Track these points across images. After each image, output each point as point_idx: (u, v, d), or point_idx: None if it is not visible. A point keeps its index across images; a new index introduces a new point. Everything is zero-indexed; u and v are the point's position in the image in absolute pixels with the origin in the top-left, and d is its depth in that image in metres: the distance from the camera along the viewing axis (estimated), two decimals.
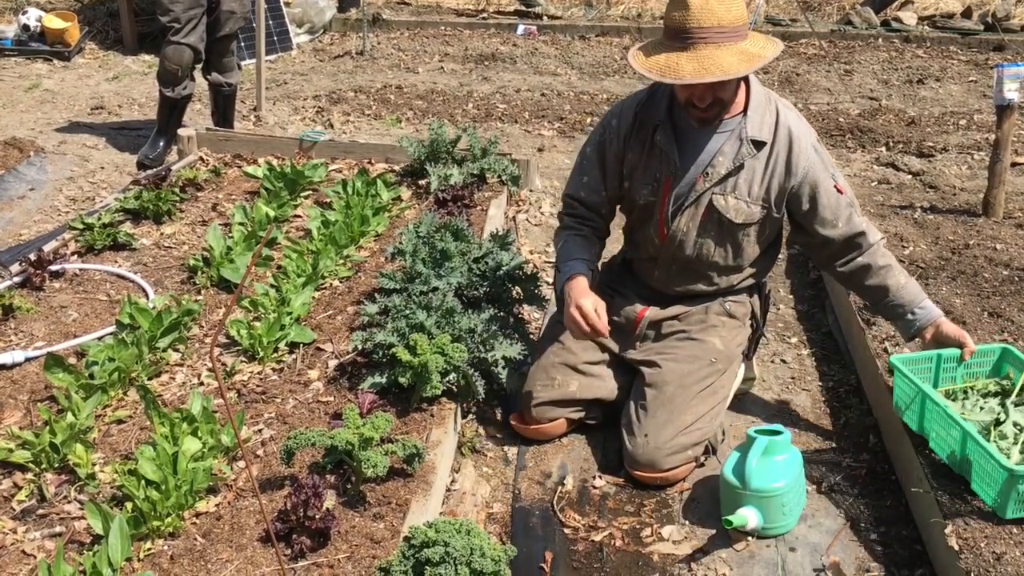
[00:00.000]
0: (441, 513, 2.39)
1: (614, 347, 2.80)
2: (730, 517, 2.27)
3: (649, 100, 2.65)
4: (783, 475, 2.33)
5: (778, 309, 3.60)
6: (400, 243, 3.17)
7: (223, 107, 5.36)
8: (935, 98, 7.00)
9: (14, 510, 2.24)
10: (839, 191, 2.57)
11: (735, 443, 2.62)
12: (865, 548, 2.35)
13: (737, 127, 2.54)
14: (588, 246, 2.79)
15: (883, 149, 5.68)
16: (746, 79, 2.55)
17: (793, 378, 3.14)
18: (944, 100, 6.94)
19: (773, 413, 2.93)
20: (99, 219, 3.82)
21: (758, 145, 2.54)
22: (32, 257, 3.39)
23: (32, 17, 7.75)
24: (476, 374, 2.68)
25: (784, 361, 3.24)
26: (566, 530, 2.42)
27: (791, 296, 3.75)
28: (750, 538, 2.35)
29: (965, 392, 2.52)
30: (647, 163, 2.65)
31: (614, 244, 3.07)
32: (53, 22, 7.69)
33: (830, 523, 2.43)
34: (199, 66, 5.14)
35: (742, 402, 2.96)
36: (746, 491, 2.30)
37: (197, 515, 2.22)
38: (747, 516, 2.28)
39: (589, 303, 2.58)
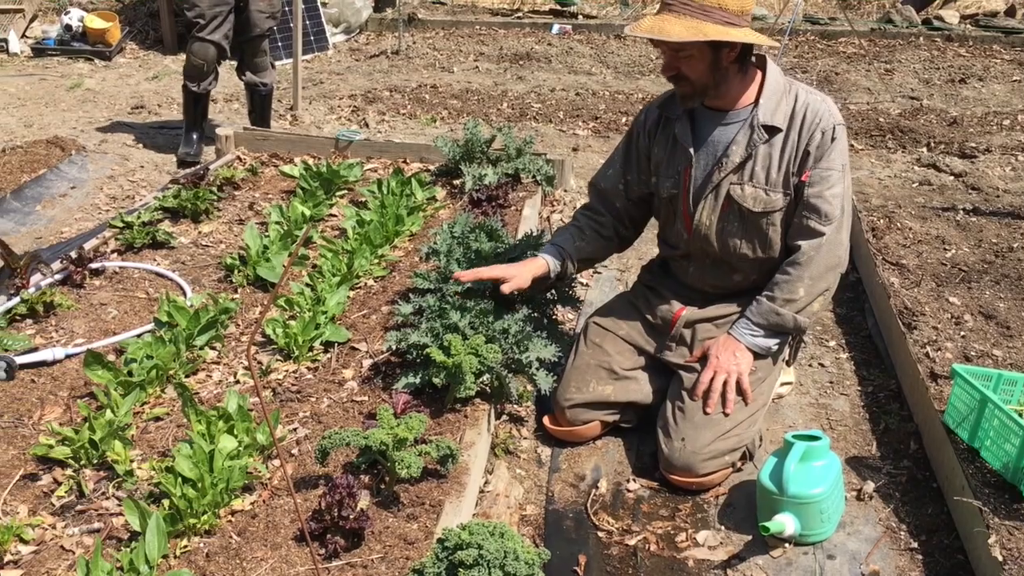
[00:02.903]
0: (474, 515, 2.39)
1: (650, 348, 2.78)
2: (767, 523, 2.24)
3: (671, 97, 2.71)
4: (821, 481, 2.29)
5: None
6: (434, 243, 3.17)
7: (260, 107, 5.40)
8: (978, 98, 6.88)
9: (54, 506, 2.26)
10: (832, 196, 2.54)
11: (772, 448, 2.59)
12: (905, 557, 2.30)
13: (749, 116, 2.57)
14: (576, 235, 2.86)
15: (924, 150, 5.59)
16: (763, 70, 2.58)
17: (831, 382, 3.09)
18: (987, 100, 6.82)
19: (811, 418, 2.89)
20: (138, 217, 3.87)
21: (771, 131, 2.54)
22: (73, 255, 3.44)
23: (74, 17, 7.88)
24: (510, 375, 2.67)
25: (822, 365, 3.19)
26: (600, 533, 2.41)
27: (831, 299, 3.69)
28: (787, 545, 2.32)
29: (1020, 414, 2.47)
30: (671, 157, 2.70)
31: (652, 245, 3.04)
32: (95, 22, 7.81)
33: (869, 531, 2.39)
34: (226, 63, 5.18)
35: (779, 407, 2.92)
36: (783, 497, 2.27)
37: (232, 513, 2.23)
38: (784, 523, 2.25)
39: (488, 269, 2.76)
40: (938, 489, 2.53)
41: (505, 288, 2.66)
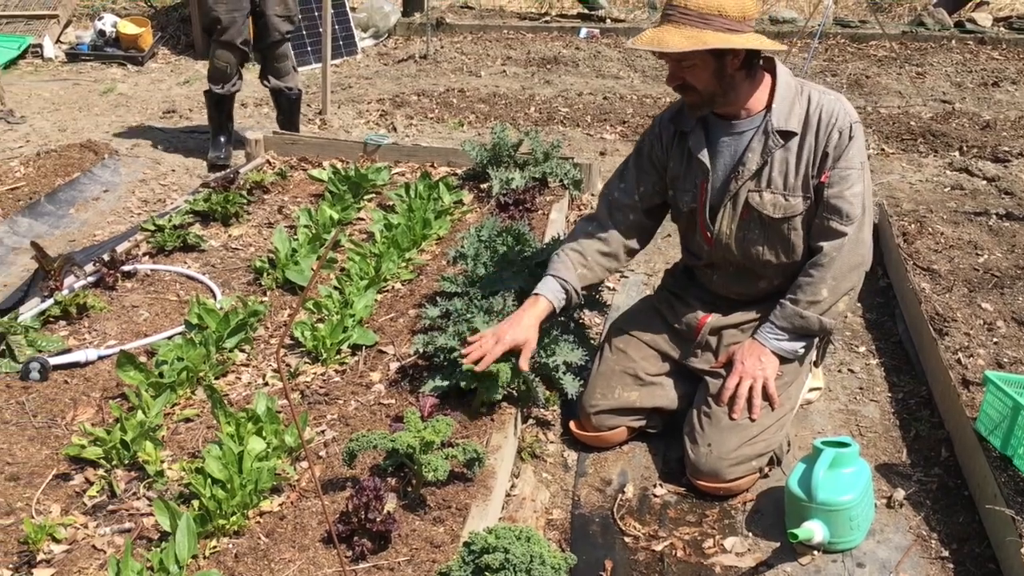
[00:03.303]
0: (501, 518, 2.39)
1: (675, 354, 2.77)
2: (795, 530, 2.22)
3: (681, 109, 2.65)
4: (851, 488, 2.27)
5: (846, 317, 3.52)
6: (462, 247, 3.18)
7: (288, 111, 5.44)
8: (1011, 101, 6.79)
9: (85, 505, 2.29)
10: (852, 195, 2.50)
11: (800, 454, 2.57)
12: (936, 566, 2.28)
13: (762, 122, 2.52)
14: (577, 262, 2.73)
15: (956, 154, 5.52)
16: (772, 73, 2.53)
17: (861, 388, 3.06)
18: (1021, 103, 6.74)
19: (840, 424, 2.87)
20: (170, 221, 3.91)
21: (786, 135, 2.50)
22: (105, 257, 3.48)
23: (108, 23, 7.99)
24: (537, 379, 2.67)
25: (852, 371, 3.16)
26: (626, 539, 2.40)
27: (859, 304, 3.66)
28: (816, 552, 2.30)
29: None
30: (687, 171, 2.66)
31: (678, 250, 3.03)
32: (128, 28, 7.92)
33: (899, 539, 2.37)
34: (253, 68, 5.24)
35: (808, 412, 2.90)
36: (812, 504, 2.25)
37: (261, 514, 2.25)
38: (813, 530, 2.23)
39: (491, 333, 2.57)
40: (970, 497, 2.50)
41: (523, 364, 2.56)
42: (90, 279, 3.43)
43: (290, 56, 5.37)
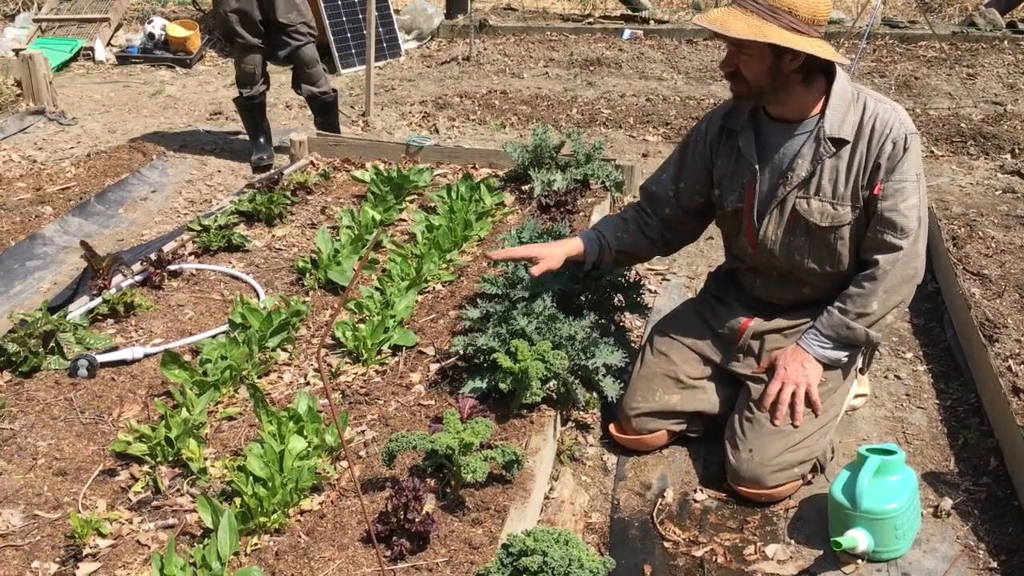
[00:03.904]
0: (539, 521, 2.38)
1: (716, 357, 2.74)
2: (839, 539, 2.19)
3: (734, 108, 2.63)
4: (896, 497, 2.23)
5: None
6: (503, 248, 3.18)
7: (325, 114, 5.45)
8: None
9: (131, 501, 2.33)
10: (907, 208, 2.44)
11: (845, 461, 2.53)
12: None
13: (815, 128, 2.47)
14: (619, 226, 2.84)
15: (1008, 156, 5.40)
16: (829, 80, 2.47)
17: (908, 395, 3.01)
18: None
19: (886, 431, 2.82)
20: (215, 221, 3.97)
21: (838, 143, 2.45)
22: (152, 257, 3.54)
23: (157, 26, 8.14)
24: (576, 381, 2.66)
25: (898, 377, 3.11)
26: (666, 544, 2.38)
27: (907, 309, 3.59)
28: (860, 561, 2.26)
29: None
30: (735, 170, 2.63)
31: (721, 253, 3.00)
32: (176, 31, 8.05)
33: (946, 549, 2.32)
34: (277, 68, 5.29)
35: (853, 419, 2.85)
36: (856, 512, 2.21)
37: (301, 513, 2.27)
38: (857, 538, 2.19)
39: (522, 248, 2.79)
40: (1019, 507, 2.44)
41: (535, 271, 2.67)
42: (137, 278, 3.49)
43: (318, 59, 5.38)
